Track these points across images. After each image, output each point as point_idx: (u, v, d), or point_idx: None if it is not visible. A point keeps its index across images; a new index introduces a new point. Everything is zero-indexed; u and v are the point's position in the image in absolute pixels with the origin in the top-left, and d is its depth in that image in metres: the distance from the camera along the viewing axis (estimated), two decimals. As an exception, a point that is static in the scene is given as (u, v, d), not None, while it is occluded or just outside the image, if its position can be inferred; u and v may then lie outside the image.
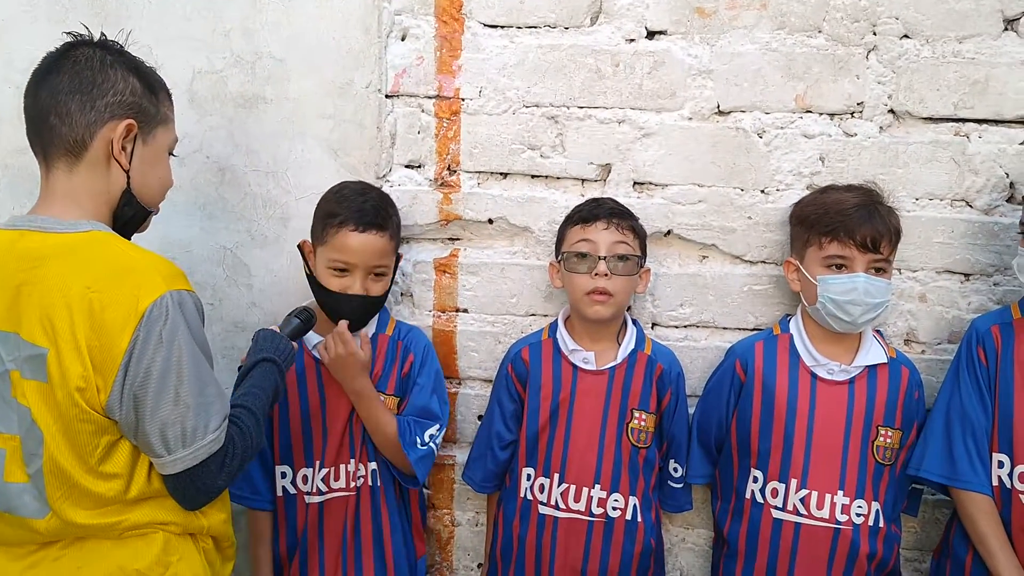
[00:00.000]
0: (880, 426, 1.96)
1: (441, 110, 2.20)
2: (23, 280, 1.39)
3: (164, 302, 1.37)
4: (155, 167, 1.59)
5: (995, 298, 2.17)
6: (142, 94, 1.52)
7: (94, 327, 1.35)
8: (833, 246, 1.91)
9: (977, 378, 1.96)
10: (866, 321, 1.92)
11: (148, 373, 1.36)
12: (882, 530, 1.97)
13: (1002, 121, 2.13)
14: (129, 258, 1.43)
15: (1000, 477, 1.92)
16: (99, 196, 1.50)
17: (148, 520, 1.46)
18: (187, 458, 1.39)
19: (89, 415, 1.38)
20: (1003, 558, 1.87)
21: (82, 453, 1.40)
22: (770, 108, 2.15)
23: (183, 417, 1.38)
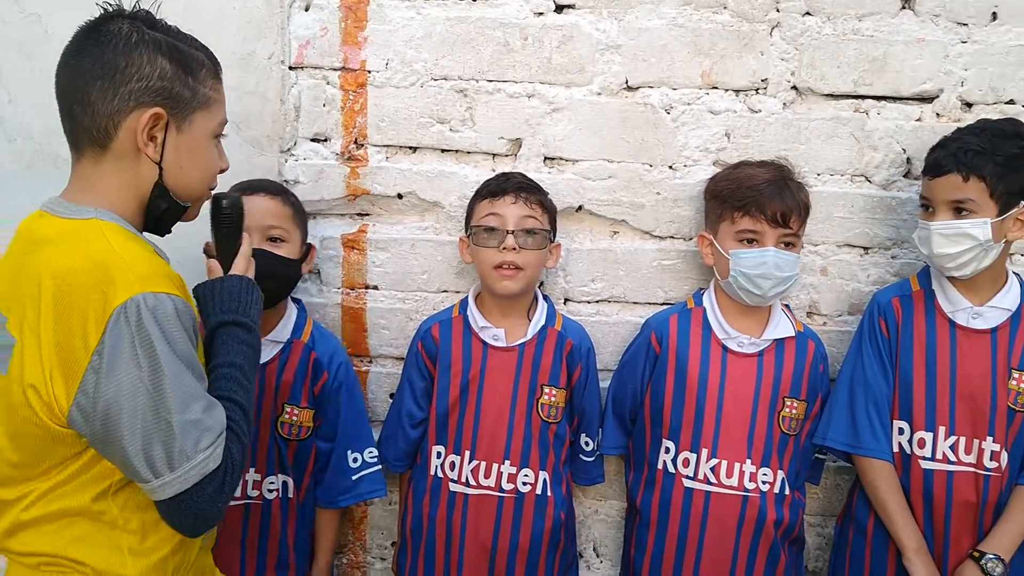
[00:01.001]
0: (786, 397, 2.01)
1: (347, 82, 2.15)
2: (23, 263, 1.29)
3: (134, 305, 1.19)
4: (194, 156, 1.40)
5: (893, 271, 2.24)
6: (173, 77, 1.33)
7: (59, 325, 1.19)
8: (745, 221, 1.94)
9: (879, 349, 2.02)
10: (775, 294, 1.96)
11: (119, 387, 1.18)
12: (787, 497, 2.02)
13: (899, 98, 2.19)
14: (110, 252, 1.24)
15: (900, 443, 1.99)
16: (126, 188, 1.35)
17: (60, 553, 1.27)
18: (176, 482, 1.21)
19: (42, 422, 1.22)
20: (901, 521, 1.93)
21: (27, 459, 1.27)
22: (677, 84, 2.17)
23: (167, 437, 1.20)
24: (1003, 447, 1.91)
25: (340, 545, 2.37)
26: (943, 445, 1.93)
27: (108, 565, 1.28)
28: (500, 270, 1.95)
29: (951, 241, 1.85)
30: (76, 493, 1.27)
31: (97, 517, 1.28)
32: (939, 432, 1.93)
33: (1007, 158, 1.81)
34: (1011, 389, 1.92)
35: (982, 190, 1.82)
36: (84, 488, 1.28)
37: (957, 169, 1.83)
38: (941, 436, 1.93)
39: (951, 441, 1.93)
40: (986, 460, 1.91)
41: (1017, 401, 1.92)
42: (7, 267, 1.33)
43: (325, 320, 2.24)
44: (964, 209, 1.85)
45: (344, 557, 2.38)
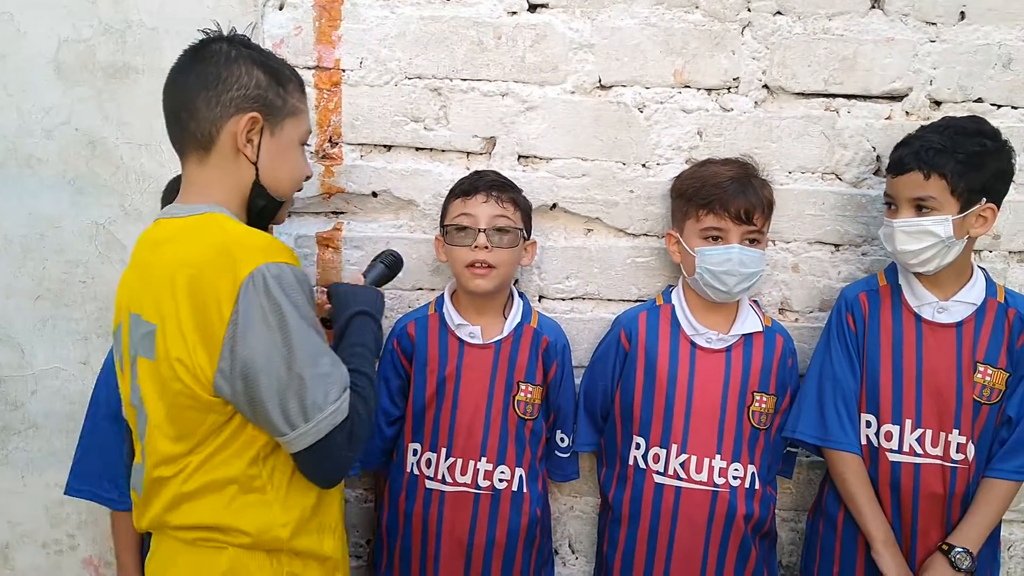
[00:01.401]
0: (755, 392, 2.03)
1: (321, 81, 2.16)
2: (148, 263, 1.44)
3: (260, 274, 1.33)
4: (285, 159, 1.57)
5: (863, 267, 2.27)
6: (267, 87, 1.50)
7: (196, 304, 1.33)
8: (709, 218, 1.95)
9: (847, 344, 2.04)
10: (741, 290, 1.98)
11: (255, 348, 1.32)
12: (758, 492, 2.04)
13: (869, 96, 2.21)
14: (231, 235, 1.40)
15: (868, 436, 2.01)
16: (230, 188, 1.51)
17: (216, 523, 1.40)
18: (311, 432, 1.35)
19: (193, 391, 1.35)
20: (869, 513, 1.96)
21: (184, 431, 1.39)
22: (650, 83, 2.19)
23: (300, 390, 1.33)
24: (969, 439, 1.94)
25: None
26: (910, 438, 1.95)
27: (263, 528, 1.41)
28: (472, 268, 1.96)
29: (913, 238, 1.87)
30: (231, 461, 1.40)
31: (249, 484, 1.40)
32: (906, 425, 1.96)
33: (968, 156, 1.83)
34: (976, 382, 1.94)
35: (943, 188, 1.84)
36: (237, 456, 1.40)
37: (918, 167, 1.85)
38: (908, 429, 1.96)
39: (917, 434, 1.95)
40: (952, 452, 1.94)
41: (982, 394, 1.95)
42: (135, 272, 1.49)
43: (300, 318, 2.24)
44: (926, 207, 1.87)
45: (321, 555, 2.38)
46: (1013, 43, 2.18)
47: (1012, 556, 2.40)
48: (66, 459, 2.04)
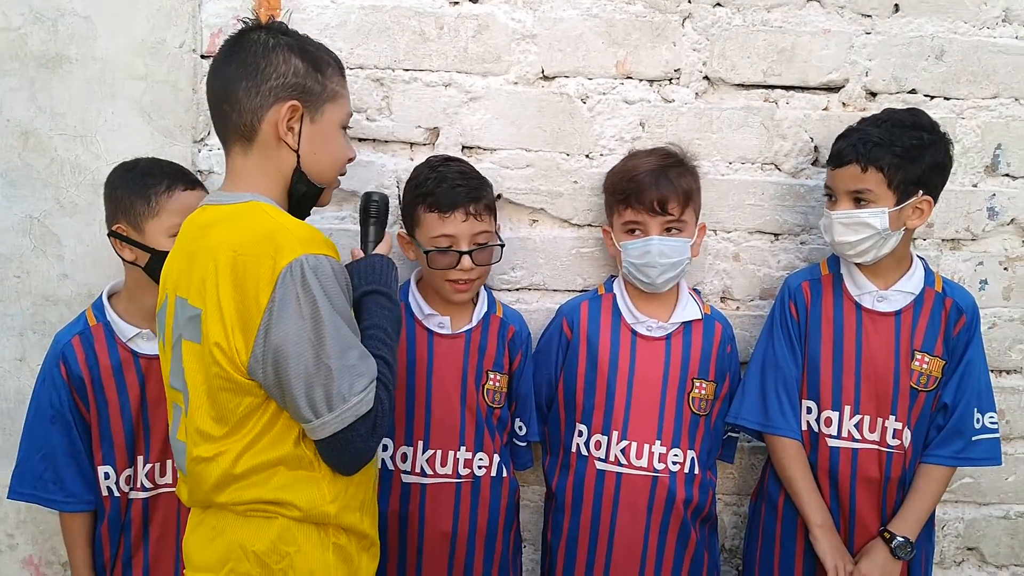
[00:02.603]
0: (695, 379, 2.05)
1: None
2: (195, 248, 1.46)
3: (299, 264, 1.35)
4: (326, 144, 1.58)
5: (802, 256, 2.30)
6: (305, 74, 1.51)
7: (236, 289, 1.36)
8: (628, 212, 1.97)
9: (789, 331, 2.08)
10: (666, 280, 2.00)
11: (286, 335, 1.35)
12: (697, 477, 2.06)
13: (807, 88, 2.25)
14: (272, 223, 1.42)
15: (808, 422, 2.05)
16: (273, 175, 1.53)
17: (268, 498, 1.43)
18: (334, 422, 1.37)
19: (228, 374, 1.38)
20: (807, 497, 2.00)
21: (223, 413, 1.41)
22: (592, 74, 2.20)
23: (327, 380, 1.36)
24: (905, 425, 1.98)
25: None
26: (848, 423, 2.00)
27: (311, 502, 1.44)
28: (455, 284, 1.96)
29: (851, 230, 1.91)
30: (278, 442, 1.43)
31: (297, 462, 1.43)
32: (844, 411, 2.00)
33: (905, 149, 1.87)
34: (914, 370, 1.99)
35: (880, 180, 1.88)
36: (283, 436, 1.43)
37: (856, 160, 1.89)
38: (847, 415, 2.00)
39: (856, 420, 1.99)
40: (889, 438, 1.98)
41: (919, 381, 2.00)
42: (179, 256, 1.52)
43: (243, 312, 2.22)
44: (863, 199, 1.91)
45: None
46: (945, 35, 2.23)
47: (946, 535, 2.47)
48: (2, 457, 1.99)
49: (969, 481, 2.44)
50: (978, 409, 2.00)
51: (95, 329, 1.92)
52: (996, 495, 2.46)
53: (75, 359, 1.89)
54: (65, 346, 1.90)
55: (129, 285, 1.95)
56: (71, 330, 1.94)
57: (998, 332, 2.36)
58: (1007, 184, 2.31)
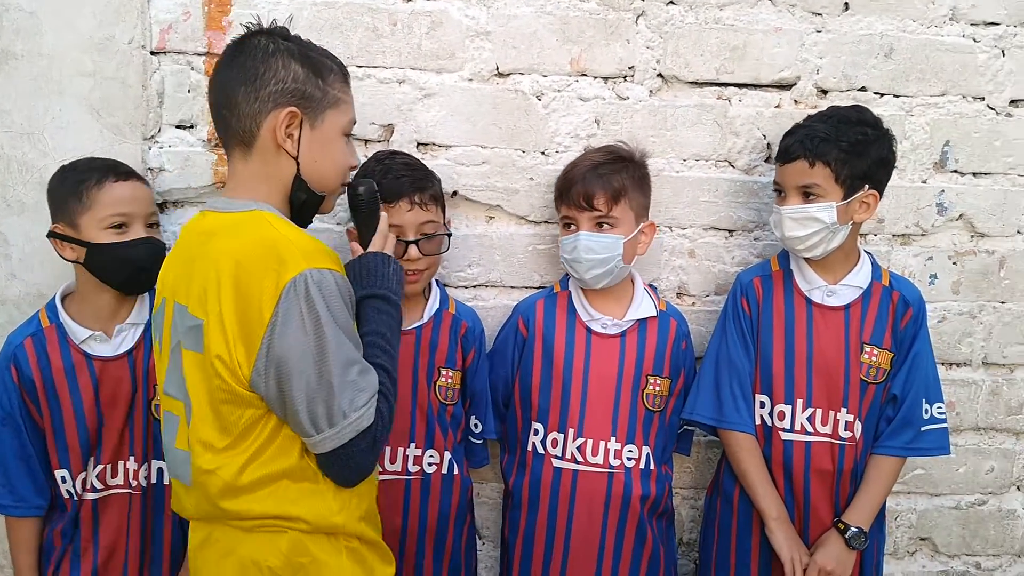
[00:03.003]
0: (650, 375, 2.06)
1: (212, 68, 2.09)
2: (195, 255, 1.44)
3: (302, 279, 1.35)
4: (327, 151, 1.54)
5: (756, 252, 2.33)
6: (305, 80, 1.48)
7: (239, 301, 1.35)
8: (563, 208, 2.00)
9: (742, 327, 2.10)
10: (595, 277, 1.99)
11: (289, 350, 1.34)
12: (653, 472, 2.07)
13: (760, 85, 2.27)
14: (277, 236, 1.40)
15: (762, 416, 2.07)
16: (273, 182, 1.50)
17: (274, 512, 1.42)
18: (334, 437, 1.38)
19: (230, 387, 1.37)
20: (762, 491, 2.02)
21: (225, 424, 1.40)
22: (547, 71, 2.20)
23: (328, 396, 1.36)
24: (856, 417, 2.01)
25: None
26: (801, 417, 2.02)
27: (319, 515, 1.44)
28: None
29: (800, 224, 1.94)
30: (281, 455, 1.42)
31: (302, 474, 1.43)
32: (797, 404, 2.03)
33: (851, 144, 1.90)
34: (863, 362, 2.02)
35: (827, 175, 1.91)
36: (286, 449, 1.42)
37: (804, 155, 1.92)
38: (799, 408, 2.02)
39: (808, 413, 2.02)
40: (841, 430, 2.01)
41: (869, 374, 2.02)
42: (178, 261, 1.51)
43: (196, 311, 2.20)
44: (811, 193, 1.93)
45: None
46: (894, 33, 2.27)
47: (899, 526, 2.51)
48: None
49: (921, 472, 2.48)
50: (926, 400, 2.03)
51: (48, 331, 1.88)
52: (947, 486, 2.50)
53: (26, 361, 1.85)
54: (17, 348, 1.86)
55: (79, 286, 1.92)
56: (23, 332, 1.90)
57: (947, 326, 2.40)
58: (955, 180, 2.35)
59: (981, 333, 2.42)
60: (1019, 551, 2.56)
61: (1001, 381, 2.46)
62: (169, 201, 2.17)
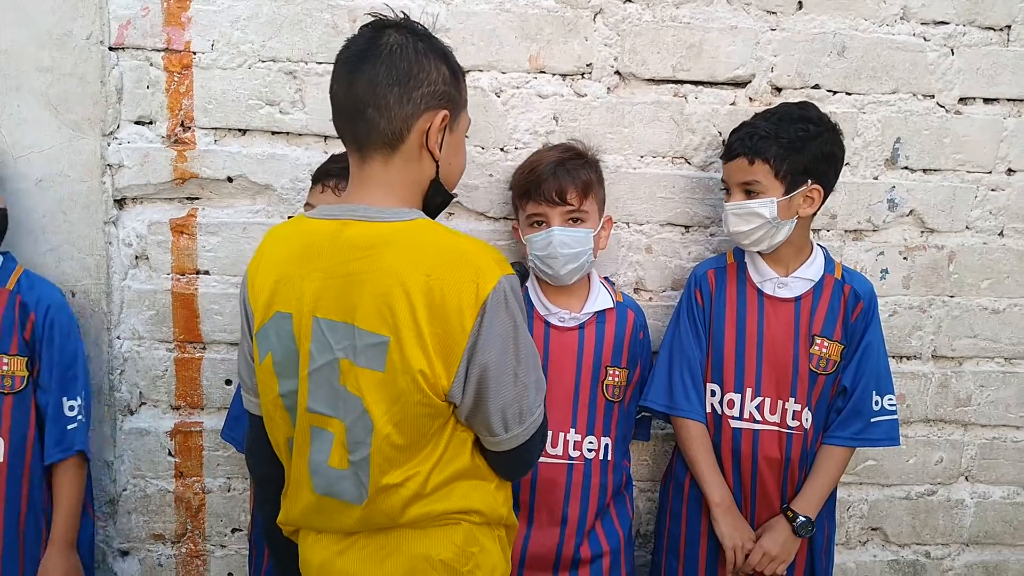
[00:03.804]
0: (609, 366, 2.09)
1: (171, 64, 2.11)
2: (354, 269, 1.35)
3: (501, 287, 1.34)
4: (458, 152, 1.54)
5: (712, 248, 2.37)
6: (450, 82, 1.45)
7: (435, 314, 1.31)
8: (531, 206, 2.00)
9: (695, 318, 2.14)
10: (570, 272, 2.02)
11: (492, 358, 1.35)
12: (611, 462, 2.11)
13: (715, 83, 2.31)
14: (462, 244, 1.39)
15: (713, 405, 2.12)
16: (413, 185, 1.46)
17: (453, 508, 1.43)
18: (521, 435, 1.42)
19: (430, 400, 1.35)
20: (708, 478, 2.08)
21: (415, 437, 1.38)
22: (506, 68, 2.23)
23: (520, 397, 1.40)
24: (805, 407, 2.06)
25: (178, 534, 2.34)
26: (750, 405, 2.07)
27: (491, 507, 1.48)
28: None
29: (743, 220, 1.98)
30: (458, 456, 1.43)
31: (473, 472, 1.46)
32: (746, 393, 2.07)
33: (791, 140, 1.94)
34: (813, 354, 2.07)
35: (767, 172, 1.96)
36: (460, 450, 1.44)
37: (744, 153, 1.96)
38: (748, 397, 2.07)
39: (757, 402, 2.06)
40: (789, 419, 2.06)
41: (819, 365, 2.07)
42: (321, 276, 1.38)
43: (155, 306, 2.21)
44: (752, 190, 1.98)
45: (183, 546, 2.36)
46: (847, 32, 2.31)
47: (851, 516, 2.56)
48: None
49: (872, 463, 2.53)
50: (876, 391, 2.08)
51: None
52: (898, 477, 2.56)
53: None
54: None
55: None
56: None
57: (898, 319, 2.46)
58: (906, 176, 2.40)
59: (931, 327, 2.48)
60: (967, 540, 2.63)
61: (950, 374, 2.51)
62: (128, 198, 2.18)
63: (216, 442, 2.27)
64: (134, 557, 2.35)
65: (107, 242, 2.17)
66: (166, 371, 2.26)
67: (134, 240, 2.18)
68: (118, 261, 2.19)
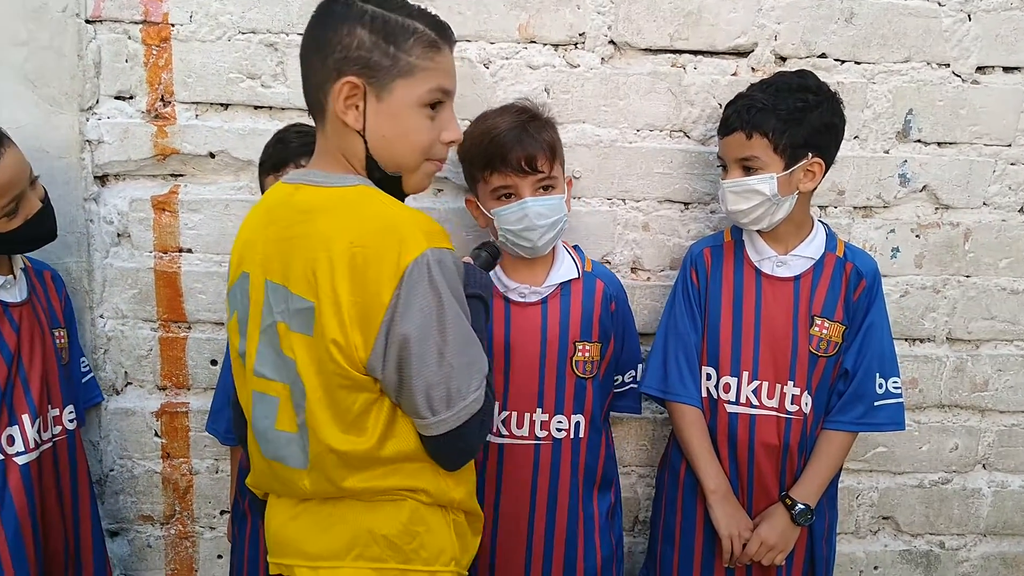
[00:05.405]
0: (577, 342, 1.97)
1: (149, 36, 2.07)
2: (293, 234, 1.35)
3: (424, 260, 1.28)
4: (397, 124, 1.38)
5: (712, 225, 2.27)
6: (372, 46, 1.34)
7: (355, 283, 1.29)
8: (496, 178, 1.85)
9: (689, 298, 2.05)
10: (548, 241, 1.90)
11: (411, 333, 1.28)
12: (583, 440, 1.98)
13: (715, 52, 2.21)
14: (392, 214, 1.33)
15: (708, 388, 2.03)
16: (353, 157, 1.40)
17: (400, 486, 1.40)
18: (451, 419, 1.34)
19: (346, 371, 1.31)
20: (703, 464, 1.99)
21: (339, 410, 1.35)
22: (495, 38, 2.15)
23: (447, 378, 1.32)
24: (805, 391, 1.96)
25: (167, 516, 2.31)
26: (747, 389, 1.98)
27: (439, 488, 1.42)
28: None
29: (742, 198, 1.88)
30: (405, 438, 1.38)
31: (423, 454, 1.40)
32: (743, 377, 1.98)
33: (790, 112, 1.83)
34: (813, 335, 1.97)
35: (765, 146, 1.85)
36: (407, 432, 1.38)
37: (741, 127, 1.86)
38: (745, 381, 1.98)
39: (754, 386, 1.97)
40: (787, 404, 1.96)
41: (819, 347, 1.97)
42: (269, 239, 1.39)
43: (137, 285, 2.17)
44: (751, 166, 1.88)
45: (172, 527, 2.33)
46: (855, -3, 2.19)
47: (860, 505, 2.46)
48: None
49: (883, 450, 2.43)
50: (880, 374, 1.98)
51: None
52: (910, 464, 2.45)
53: None
54: None
55: None
56: None
57: (911, 300, 2.35)
58: (919, 150, 2.28)
59: (945, 308, 2.36)
60: (984, 530, 2.51)
61: (966, 357, 2.40)
62: (110, 174, 2.14)
63: (203, 422, 2.23)
64: (123, 538, 2.33)
65: (88, 220, 2.13)
66: (151, 351, 2.22)
67: (115, 217, 2.14)
68: (99, 239, 2.16)
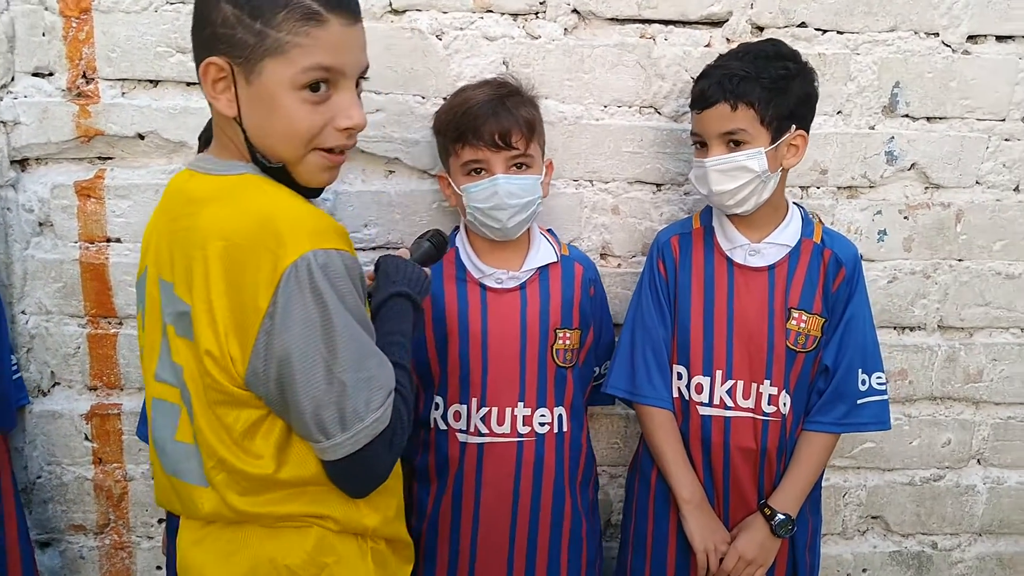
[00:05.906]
0: (558, 329, 1.86)
1: (68, 8, 1.89)
2: (180, 227, 1.23)
3: (305, 263, 1.13)
4: (270, 109, 1.22)
5: (686, 207, 2.12)
6: (236, 23, 1.18)
7: (230, 287, 1.15)
8: (467, 152, 1.72)
9: (657, 291, 1.90)
10: (518, 224, 1.78)
11: (291, 346, 1.13)
12: (567, 434, 1.88)
13: (687, 22, 2.04)
14: (272, 208, 1.18)
15: (679, 389, 1.88)
16: (236, 145, 1.27)
17: (303, 512, 1.26)
18: (348, 443, 1.17)
19: (222, 386, 1.18)
20: (676, 472, 1.84)
21: (221, 425, 1.21)
22: (448, 7, 1.98)
23: (340, 396, 1.16)
24: (782, 390, 1.81)
25: (100, 525, 2.16)
26: (720, 390, 1.82)
27: (349, 517, 1.29)
28: None
29: (729, 176, 1.72)
30: (304, 462, 1.24)
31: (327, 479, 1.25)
32: (716, 376, 1.83)
33: (773, 80, 1.68)
34: (790, 329, 1.81)
35: (752, 118, 1.69)
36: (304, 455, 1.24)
37: (724, 98, 1.69)
38: (718, 380, 1.82)
39: (728, 386, 1.82)
40: (764, 404, 1.81)
41: (797, 342, 1.82)
42: (162, 230, 1.28)
43: (63, 278, 2.01)
44: (738, 140, 1.71)
45: (107, 537, 2.18)
46: (838, -38, 2.03)
47: (847, 504, 2.32)
48: None
49: (871, 446, 2.29)
50: (863, 370, 1.83)
51: None
52: (900, 460, 2.31)
53: None
54: None
55: None
56: None
57: (899, 286, 2.19)
58: (906, 126, 2.12)
59: (936, 294, 2.21)
60: (979, 529, 2.37)
61: (958, 346, 2.25)
62: (29, 158, 1.97)
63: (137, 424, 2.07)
64: (55, 549, 2.18)
65: (5, 208, 1.97)
66: (79, 348, 2.06)
67: (36, 205, 1.98)
68: (19, 229, 1.99)
